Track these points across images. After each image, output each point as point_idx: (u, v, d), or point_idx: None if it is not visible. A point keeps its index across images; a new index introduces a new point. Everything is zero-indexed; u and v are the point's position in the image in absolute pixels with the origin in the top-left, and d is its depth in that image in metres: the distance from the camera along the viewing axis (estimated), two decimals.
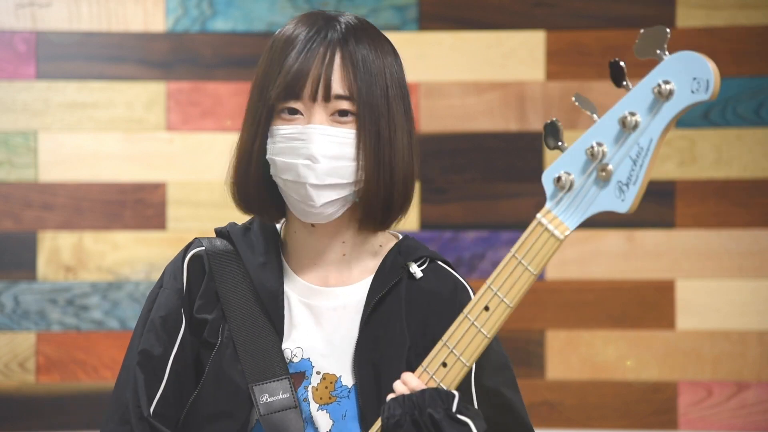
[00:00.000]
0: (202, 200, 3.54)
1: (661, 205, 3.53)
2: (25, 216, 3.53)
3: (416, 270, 1.91)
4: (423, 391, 1.74)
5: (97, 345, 3.52)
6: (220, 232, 1.96)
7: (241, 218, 1.98)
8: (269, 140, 1.85)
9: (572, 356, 3.54)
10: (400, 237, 1.97)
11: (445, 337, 1.74)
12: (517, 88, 3.57)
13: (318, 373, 1.87)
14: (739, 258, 3.52)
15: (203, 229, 3.52)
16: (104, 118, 3.55)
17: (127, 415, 1.86)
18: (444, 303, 1.90)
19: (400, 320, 1.88)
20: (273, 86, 1.84)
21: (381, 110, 1.85)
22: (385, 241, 1.95)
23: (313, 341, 1.88)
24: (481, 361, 1.85)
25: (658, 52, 1.64)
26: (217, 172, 3.54)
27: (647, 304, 3.53)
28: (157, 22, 3.56)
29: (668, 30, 1.62)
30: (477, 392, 1.90)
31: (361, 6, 3.59)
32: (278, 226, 1.96)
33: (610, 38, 3.56)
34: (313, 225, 1.90)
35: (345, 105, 1.84)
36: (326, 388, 1.86)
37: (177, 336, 1.89)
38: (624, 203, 1.65)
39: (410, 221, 3.57)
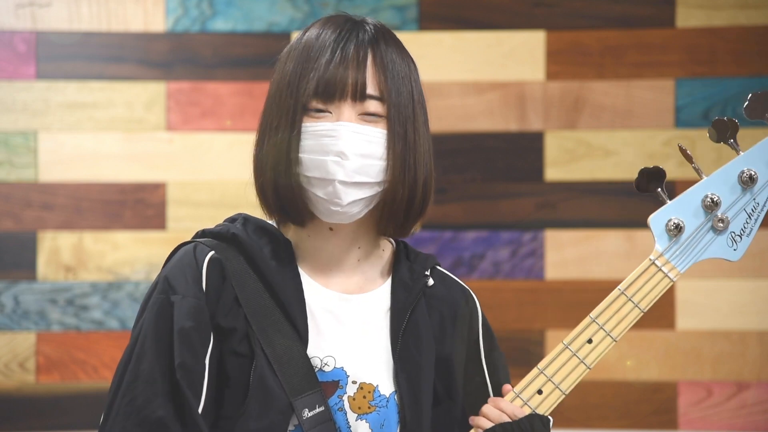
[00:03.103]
0: (202, 200, 3.54)
1: (661, 205, 3.53)
2: (25, 216, 3.53)
3: (429, 278, 1.93)
4: (530, 417, 1.79)
5: (97, 345, 3.52)
6: (219, 235, 1.88)
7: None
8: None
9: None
10: (393, 242, 1.96)
11: (541, 366, 1.82)
12: (517, 88, 3.57)
13: (354, 382, 1.85)
14: None
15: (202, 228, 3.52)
16: (104, 118, 3.55)
17: None
18: (458, 311, 1.93)
19: (428, 330, 1.89)
20: (305, 85, 1.83)
21: (408, 114, 1.86)
22: (384, 246, 1.95)
23: (345, 350, 1.86)
24: (493, 361, 1.91)
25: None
26: (217, 172, 3.54)
27: None
28: (157, 22, 3.56)
29: None
30: (493, 390, 1.93)
31: (361, 6, 3.59)
32: (274, 225, 1.92)
33: (610, 38, 3.56)
34: (331, 228, 1.88)
35: (375, 106, 1.84)
36: (364, 397, 1.85)
37: (209, 345, 1.81)
38: (736, 252, 1.86)
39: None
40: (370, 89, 1.83)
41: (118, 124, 3.56)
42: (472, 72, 3.58)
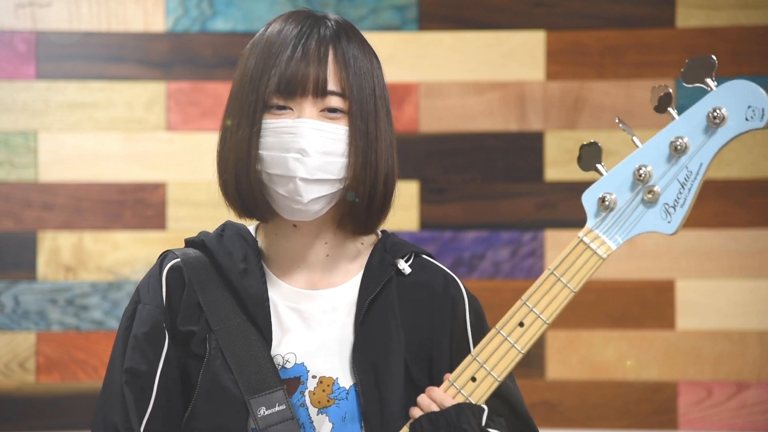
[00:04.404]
0: (202, 200, 3.54)
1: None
2: (25, 216, 3.53)
3: (404, 266, 1.91)
4: (456, 406, 1.74)
5: (97, 345, 3.52)
6: (192, 242, 1.93)
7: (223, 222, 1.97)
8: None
9: (572, 356, 3.54)
10: (380, 235, 1.95)
11: (474, 352, 1.76)
12: (517, 88, 3.57)
13: (314, 377, 1.85)
14: (739, 258, 3.52)
15: (203, 229, 3.51)
16: (104, 118, 3.55)
17: None
18: (436, 297, 1.90)
19: (394, 318, 1.87)
20: (266, 81, 1.83)
21: (370, 110, 1.85)
22: (366, 240, 1.94)
23: (306, 345, 1.86)
24: (481, 337, 1.86)
25: (707, 80, 1.69)
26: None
27: (647, 304, 3.53)
28: (157, 22, 3.56)
29: (715, 58, 1.65)
30: None
31: (361, 6, 3.59)
32: (251, 230, 1.94)
33: (610, 38, 3.56)
34: (295, 225, 1.88)
35: (336, 102, 1.84)
36: (323, 391, 1.85)
37: (162, 351, 1.85)
38: (670, 225, 1.70)
39: (410, 221, 3.58)
40: (332, 85, 1.83)
41: (118, 124, 3.56)
42: (472, 72, 3.58)
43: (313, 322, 1.88)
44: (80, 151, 3.55)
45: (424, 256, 1.95)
